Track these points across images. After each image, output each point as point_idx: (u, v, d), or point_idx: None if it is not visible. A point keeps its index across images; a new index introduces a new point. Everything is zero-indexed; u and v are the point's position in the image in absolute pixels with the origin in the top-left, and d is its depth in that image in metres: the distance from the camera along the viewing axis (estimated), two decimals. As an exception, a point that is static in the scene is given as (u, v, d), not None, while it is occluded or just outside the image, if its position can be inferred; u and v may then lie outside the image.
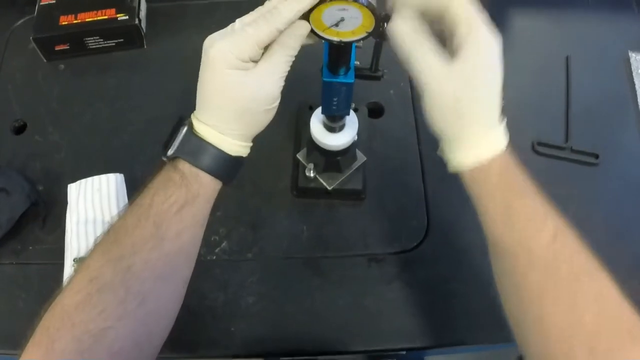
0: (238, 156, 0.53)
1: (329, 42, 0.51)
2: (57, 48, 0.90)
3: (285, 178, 0.79)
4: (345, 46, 0.52)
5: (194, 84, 0.51)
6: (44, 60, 0.91)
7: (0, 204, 0.74)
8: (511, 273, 0.50)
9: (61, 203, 0.76)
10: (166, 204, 0.50)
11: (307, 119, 0.70)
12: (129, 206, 0.51)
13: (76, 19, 0.89)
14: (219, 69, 0.48)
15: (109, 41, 0.90)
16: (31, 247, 0.75)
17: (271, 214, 0.77)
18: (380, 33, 0.50)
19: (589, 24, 0.95)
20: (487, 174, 0.50)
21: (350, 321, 0.70)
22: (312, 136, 0.70)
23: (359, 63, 0.57)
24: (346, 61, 0.56)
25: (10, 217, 0.73)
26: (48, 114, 0.86)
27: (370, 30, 0.49)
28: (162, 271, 0.50)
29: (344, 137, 0.69)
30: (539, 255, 0.48)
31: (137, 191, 0.52)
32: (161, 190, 0.50)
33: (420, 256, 0.74)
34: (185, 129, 0.51)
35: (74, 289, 0.48)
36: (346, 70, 0.57)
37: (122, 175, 0.78)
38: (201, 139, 0.51)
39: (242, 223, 0.76)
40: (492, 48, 0.48)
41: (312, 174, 0.75)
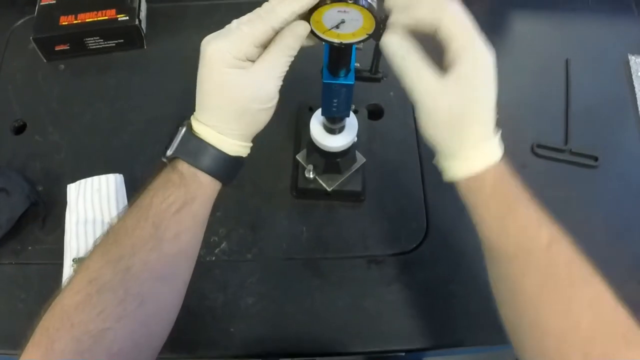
0: (237, 156, 0.52)
1: (329, 44, 0.51)
2: (57, 48, 0.90)
3: (285, 179, 0.79)
4: (345, 48, 0.52)
5: (193, 85, 0.51)
6: (44, 61, 0.91)
7: (0, 204, 0.74)
8: (506, 279, 0.51)
9: (61, 203, 0.76)
10: (165, 204, 0.49)
11: (307, 120, 0.71)
12: (129, 207, 0.51)
13: (76, 19, 0.89)
14: (215, 68, 0.48)
15: (109, 41, 0.90)
16: (31, 247, 0.75)
17: (271, 214, 0.77)
18: (380, 35, 0.50)
19: (589, 27, 0.95)
20: (482, 184, 0.50)
21: (350, 322, 0.70)
22: (312, 137, 0.70)
23: (359, 65, 0.57)
24: (346, 63, 0.56)
25: (10, 217, 0.73)
26: (48, 114, 0.86)
27: (370, 32, 0.49)
28: (161, 272, 0.50)
29: (344, 138, 0.69)
30: (534, 262, 0.48)
31: (137, 192, 0.52)
32: (160, 191, 0.50)
33: (420, 258, 0.74)
34: (184, 129, 0.51)
35: (74, 289, 0.48)
36: (346, 72, 0.57)
37: (121, 175, 0.78)
38: (200, 139, 0.51)
39: (241, 224, 0.76)
40: (485, 63, 0.48)
41: (311, 175, 0.75)
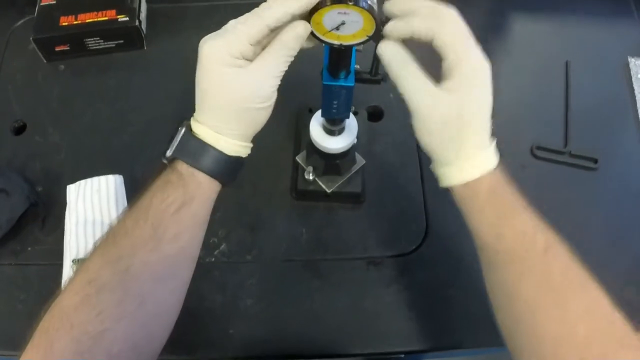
0: (237, 156, 0.52)
1: (329, 46, 0.51)
2: (57, 49, 0.90)
3: (285, 180, 0.79)
4: (345, 50, 0.52)
5: (193, 85, 0.51)
6: (44, 61, 0.91)
7: (0, 204, 0.74)
8: (503, 285, 0.51)
9: (60, 204, 0.76)
10: (164, 204, 0.49)
11: (306, 122, 0.70)
12: (129, 208, 0.51)
13: (76, 19, 0.89)
14: (212, 67, 0.48)
15: (109, 42, 0.90)
16: (30, 247, 0.75)
17: (270, 216, 0.77)
18: (380, 37, 0.50)
19: (589, 29, 0.95)
20: (477, 191, 0.50)
21: (349, 324, 0.70)
22: (312, 139, 0.70)
23: (359, 67, 0.57)
24: (346, 65, 0.56)
25: (9, 217, 0.73)
26: (48, 115, 0.86)
27: (370, 34, 0.49)
28: (161, 273, 0.50)
29: (344, 140, 0.69)
30: (530, 268, 0.49)
31: (137, 193, 0.52)
32: (159, 192, 0.50)
33: (419, 259, 0.74)
34: (183, 130, 0.52)
35: (73, 290, 0.48)
36: (346, 73, 0.57)
37: (121, 176, 0.78)
38: (199, 139, 0.51)
39: (241, 225, 0.76)
40: (480, 74, 0.49)
41: (311, 177, 0.75)
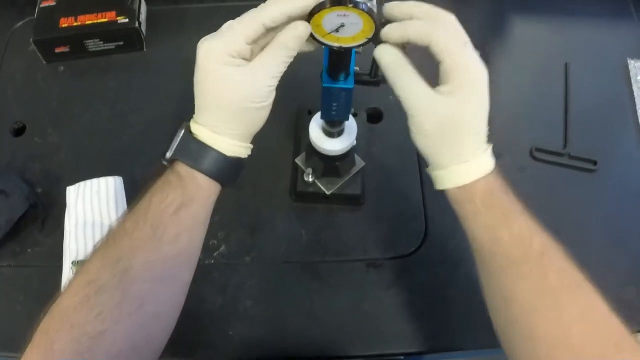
0: (236, 157, 0.52)
1: (329, 48, 0.51)
2: (57, 50, 0.90)
3: (285, 182, 0.79)
4: (345, 52, 0.52)
5: (193, 87, 0.51)
6: (44, 63, 0.91)
7: (-1, 206, 0.74)
8: (500, 288, 0.51)
9: (60, 205, 0.76)
10: (163, 205, 0.50)
11: (306, 124, 0.71)
12: (129, 210, 0.51)
13: (76, 21, 0.89)
14: (210, 67, 0.49)
15: (109, 44, 0.90)
16: (30, 249, 0.75)
17: (270, 218, 0.77)
18: (380, 40, 0.50)
19: (589, 31, 0.95)
20: (472, 195, 0.50)
21: (349, 325, 0.70)
22: (311, 141, 0.70)
23: (358, 69, 0.57)
24: (346, 67, 0.56)
25: (9, 219, 0.73)
26: (48, 116, 0.86)
27: (370, 37, 0.49)
28: (161, 274, 0.50)
29: (343, 142, 0.69)
30: (527, 271, 0.49)
31: (137, 195, 0.52)
32: (158, 193, 0.50)
33: (419, 261, 0.74)
34: (182, 131, 0.52)
35: (73, 291, 0.48)
36: (346, 76, 0.57)
37: (121, 178, 0.78)
38: (198, 140, 0.51)
39: (240, 227, 0.76)
40: (476, 80, 0.49)
41: (311, 179, 0.75)
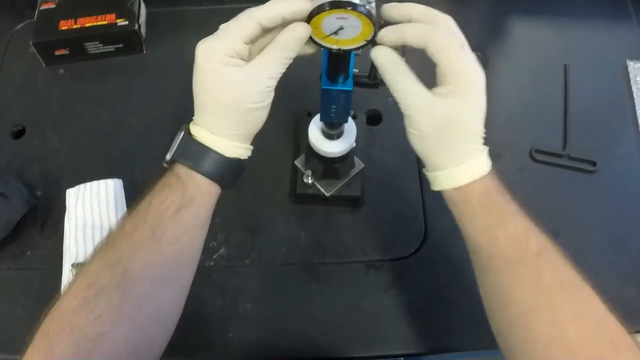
0: (235, 158, 0.52)
1: (328, 50, 0.52)
2: (57, 53, 0.90)
3: (284, 184, 0.79)
4: (344, 54, 0.52)
5: (192, 89, 0.51)
6: (44, 65, 0.91)
7: (-1, 208, 0.74)
8: (496, 289, 0.51)
9: (60, 208, 0.76)
10: (162, 206, 0.50)
11: (305, 126, 0.71)
12: (128, 213, 0.51)
13: (76, 23, 0.89)
14: (208, 67, 0.49)
15: (108, 46, 0.90)
16: (29, 251, 0.75)
17: (269, 220, 0.77)
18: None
19: (588, 32, 0.95)
20: (469, 196, 0.50)
21: (348, 327, 0.70)
22: (311, 143, 0.70)
23: (357, 71, 0.57)
24: (345, 69, 0.56)
25: (8, 221, 0.73)
26: (47, 119, 0.86)
27: (369, 39, 0.49)
28: (160, 275, 0.50)
29: (342, 144, 0.69)
30: (523, 272, 0.49)
31: (137, 197, 0.52)
32: (158, 194, 0.51)
33: (418, 262, 0.74)
34: (182, 133, 0.52)
35: (73, 293, 0.48)
36: (345, 78, 0.57)
37: (120, 180, 0.78)
38: (197, 141, 0.51)
39: (240, 229, 0.76)
40: (474, 81, 0.49)
41: (310, 181, 0.75)
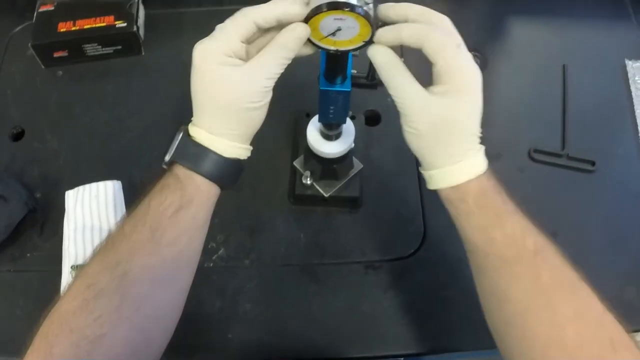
0: (234, 158, 0.52)
1: (325, 51, 0.52)
2: (56, 55, 0.90)
3: (283, 185, 0.79)
4: (342, 55, 0.52)
5: (190, 90, 0.51)
6: (42, 67, 0.91)
7: (-2, 210, 0.74)
8: (494, 289, 0.51)
9: (59, 210, 0.76)
10: (161, 207, 0.50)
11: (304, 127, 0.71)
12: (127, 214, 0.51)
13: (74, 25, 0.89)
14: (206, 67, 0.49)
15: (107, 48, 0.91)
16: (29, 253, 0.75)
17: (268, 221, 0.77)
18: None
19: (586, 32, 0.95)
20: (465, 195, 0.50)
21: (347, 327, 0.70)
22: (309, 144, 0.70)
23: (356, 72, 0.57)
24: (343, 70, 0.56)
25: (7, 224, 0.73)
26: (46, 121, 0.86)
27: (367, 40, 0.49)
28: (160, 276, 0.50)
29: (341, 144, 0.69)
30: (520, 271, 0.49)
31: (136, 198, 0.52)
32: (157, 196, 0.51)
33: (417, 263, 0.74)
34: (181, 134, 0.52)
35: (72, 295, 0.48)
36: (343, 79, 0.57)
37: (119, 182, 0.78)
38: (196, 142, 0.51)
39: (239, 230, 0.76)
40: (470, 80, 0.49)
41: (309, 182, 0.75)
